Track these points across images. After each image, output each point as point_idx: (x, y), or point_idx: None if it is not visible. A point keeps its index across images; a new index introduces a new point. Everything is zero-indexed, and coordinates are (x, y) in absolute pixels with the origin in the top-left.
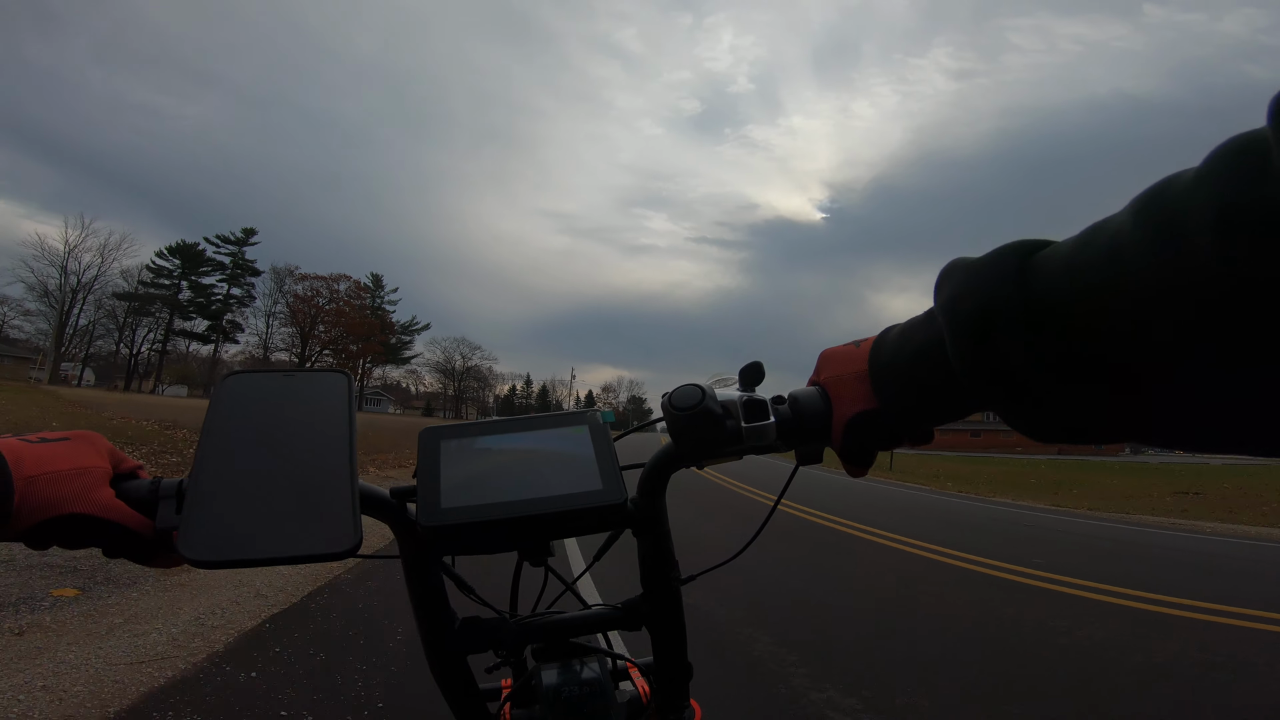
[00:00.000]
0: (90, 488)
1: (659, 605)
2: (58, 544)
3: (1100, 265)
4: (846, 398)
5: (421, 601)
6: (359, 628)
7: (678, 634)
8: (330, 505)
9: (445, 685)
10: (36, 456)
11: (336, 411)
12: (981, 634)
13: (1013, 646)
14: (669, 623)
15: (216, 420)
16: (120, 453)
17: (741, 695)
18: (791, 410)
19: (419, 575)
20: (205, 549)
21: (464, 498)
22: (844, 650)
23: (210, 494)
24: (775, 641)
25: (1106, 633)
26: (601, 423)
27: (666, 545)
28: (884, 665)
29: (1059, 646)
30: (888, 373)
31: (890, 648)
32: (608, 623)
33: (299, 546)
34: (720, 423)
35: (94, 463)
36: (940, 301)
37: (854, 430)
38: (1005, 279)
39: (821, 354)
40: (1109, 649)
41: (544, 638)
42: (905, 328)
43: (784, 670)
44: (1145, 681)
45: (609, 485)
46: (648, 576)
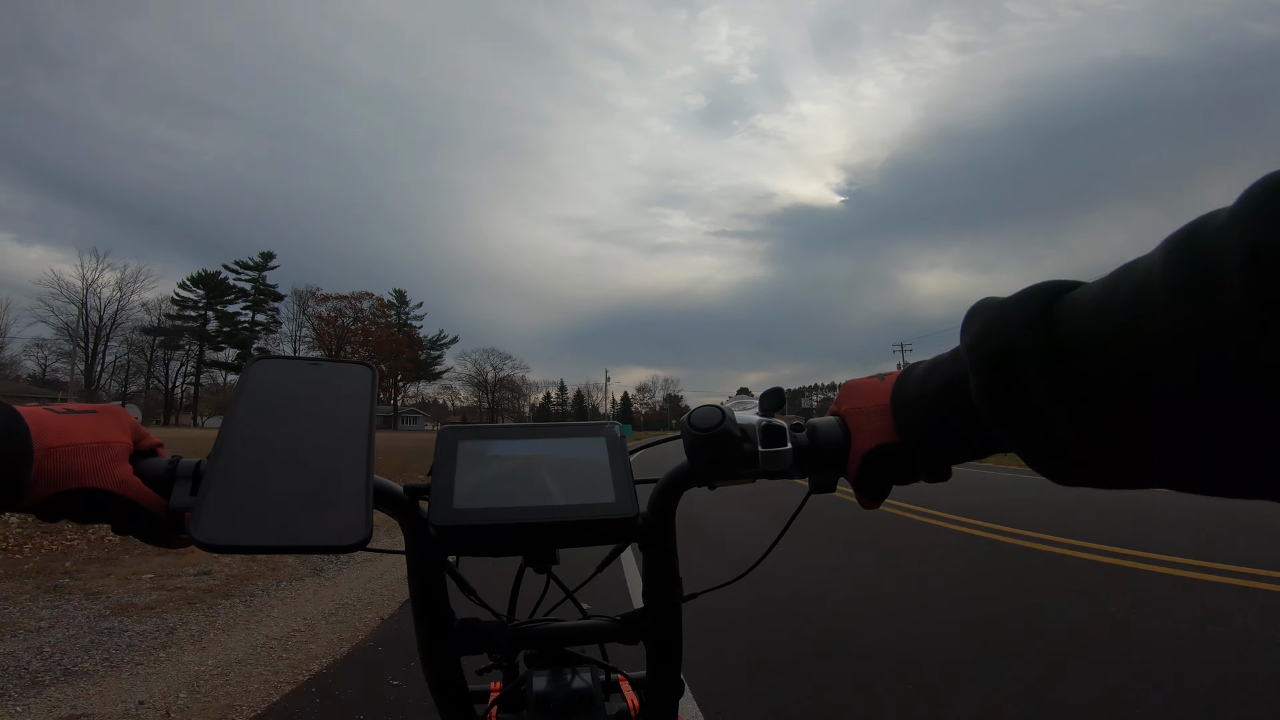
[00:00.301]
0: (109, 463)
1: (659, 621)
2: (69, 517)
3: (1127, 306)
4: (867, 430)
5: (422, 599)
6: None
7: (674, 651)
8: (343, 498)
9: (435, 684)
10: (59, 427)
11: (358, 403)
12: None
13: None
14: (667, 639)
15: (241, 403)
16: (143, 429)
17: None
18: (809, 438)
19: (423, 573)
20: (215, 533)
21: (477, 499)
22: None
23: (226, 478)
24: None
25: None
26: (619, 435)
27: (672, 561)
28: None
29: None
30: (910, 408)
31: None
32: (605, 634)
33: (308, 537)
34: (737, 445)
35: (115, 438)
36: (966, 340)
37: (871, 463)
38: (1030, 319)
39: (845, 385)
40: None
41: (539, 644)
42: (930, 364)
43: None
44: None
45: (621, 498)
46: (650, 591)
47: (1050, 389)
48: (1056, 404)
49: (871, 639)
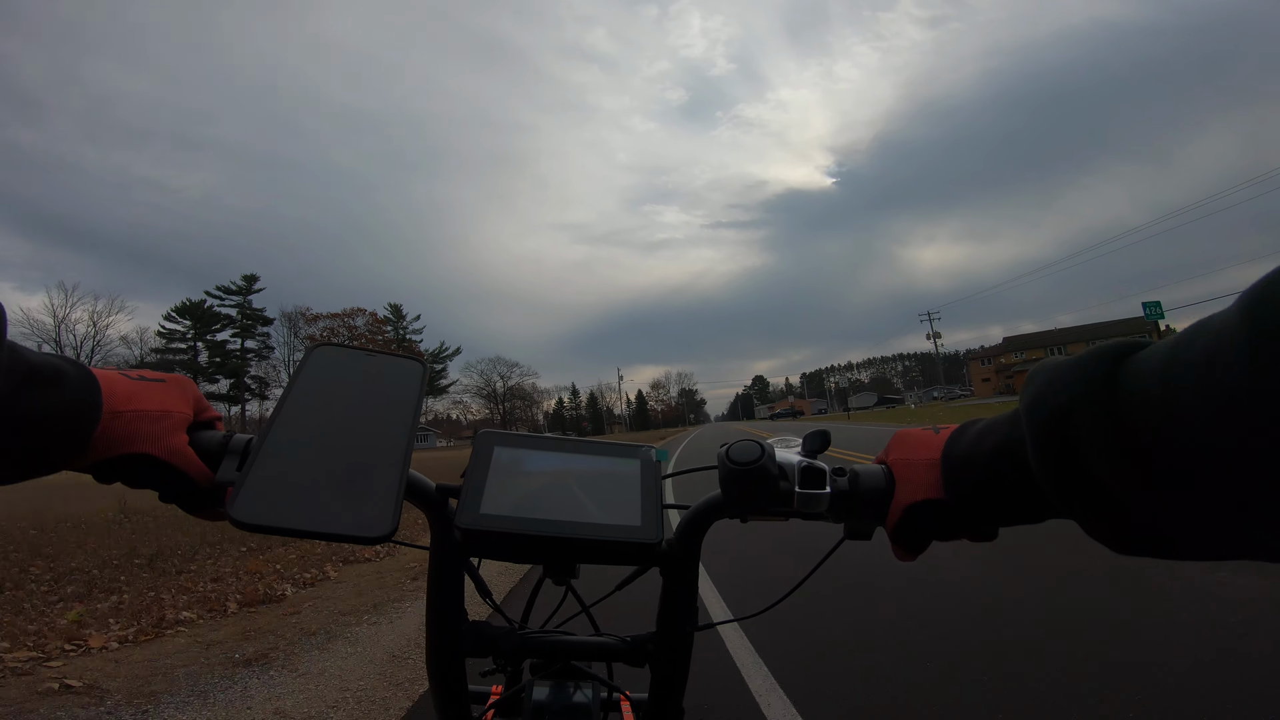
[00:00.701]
0: (167, 431)
1: (668, 647)
2: (122, 480)
3: (1197, 366)
4: (912, 483)
5: (438, 596)
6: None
7: (679, 678)
8: (375, 490)
9: (437, 681)
10: (128, 392)
11: (406, 397)
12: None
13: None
14: (673, 666)
15: (298, 387)
16: (205, 402)
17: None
18: (850, 485)
19: (443, 571)
20: (251, 511)
21: (505, 506)
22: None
23: (270, 458)
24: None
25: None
26: (654, 460)
27: (690, 591)
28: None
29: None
30: (961, 465)
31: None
32: (612, 653)
33: (336, 524)
34: (773, 482)
35: (178, 408)
36: (1024, 400)
37: (913, 517)
38: (1093, 381)
39: (896, 434)
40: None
41: (545, 654)
42: (988, 423)
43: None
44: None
45: (647, 523)
46: (664, 617)
47: (1111, 455)
48: (1117, 471)
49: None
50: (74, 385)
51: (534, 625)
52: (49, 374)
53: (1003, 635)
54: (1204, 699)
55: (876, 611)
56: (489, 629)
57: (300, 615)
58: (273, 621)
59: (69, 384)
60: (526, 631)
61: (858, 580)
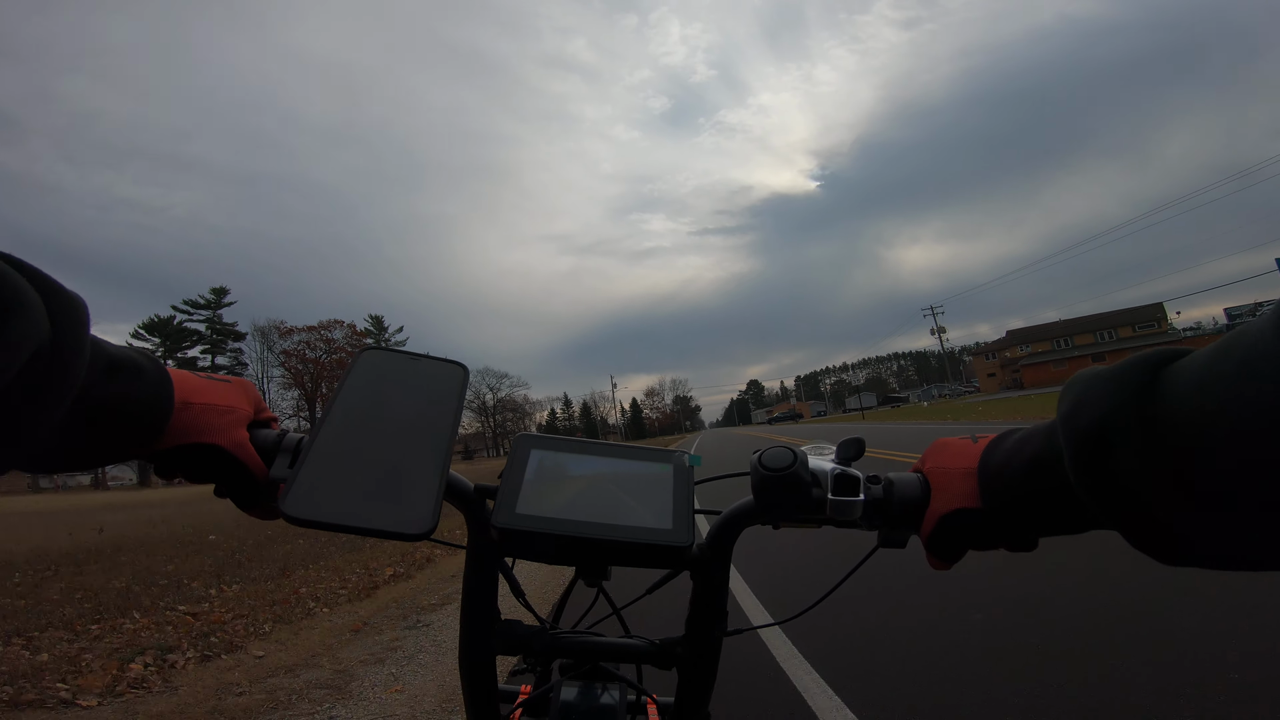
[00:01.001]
0: (232, 425)
1: (696, 651)
2: (184, 473)
3: (1234, 376)
4: (948, 492)
5: (473, 595)
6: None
7: (707, 682)
8: (417, 489)
9: (467, 678)
10: (198, 387)
11: (448, 400)
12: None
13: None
14: (701, 670)
15: (348, 389)
16: (263, 403)
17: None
18: (884, 493)
19: (479, 570)
20: (302, 507)
21: (540, 507)
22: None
23: (320, 456)
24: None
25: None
26: (687, 465)
27: (720, 595)
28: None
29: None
30: (998, 475)
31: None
32: (641, 655)
33: (379, 521)
34: (805, 489)
35: (242, 405)
36: (1061, 411)
37: (949, 527)
38: (1130, 392)
39: (935, 441)
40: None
41: (574, 655)
42: (1026, 433)
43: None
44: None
45: (678, 527)
46: (693, 621)
47: (1150, 467)
48: (1157, 484)
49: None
50: (150, 377)
51: (565, 626)
52: (128, 365)
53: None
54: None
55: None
56: (520, 628)
57: (421, 587)
58: (408, 593)
59: (146, 375)
60: (557, 631)
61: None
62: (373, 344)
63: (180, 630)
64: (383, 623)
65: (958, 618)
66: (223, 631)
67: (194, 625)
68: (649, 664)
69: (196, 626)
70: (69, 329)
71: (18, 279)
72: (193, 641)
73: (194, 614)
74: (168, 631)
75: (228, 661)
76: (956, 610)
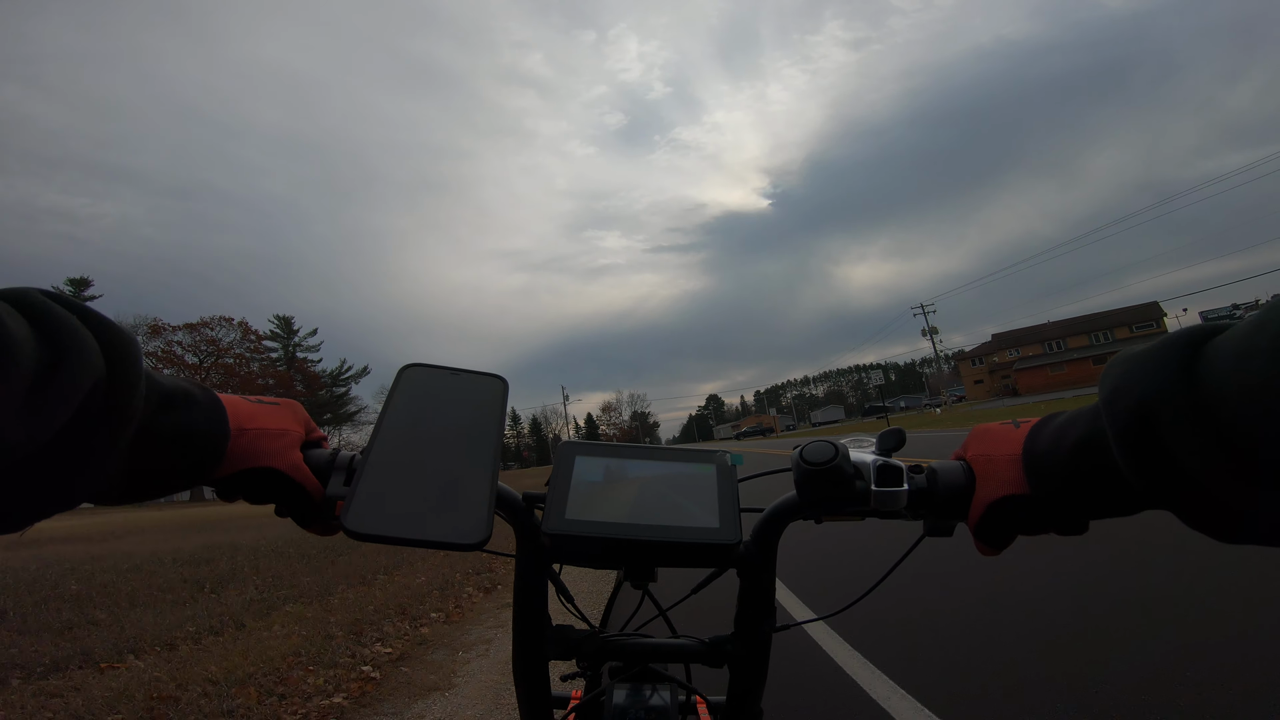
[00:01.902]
0: (287, 448)
1: (746, 648)
2: (244, 496)
3: (1272, 351)
4: (995, 479)
5: (524, 602)
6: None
7: (758, 679)
8: (469, 500)
9: (522, 684)
10: (250, 413)
11: (490, 413)
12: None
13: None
14: (753, 667)
15: (394, 405)
16: (312, 422)
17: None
18: (928, 482)
19: (529, 577)
20: (362, 522)
21: (588, 512)
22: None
23: (375, 472)
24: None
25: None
26: (730, 465)
27: (768, 591)
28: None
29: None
30: (1045, 460)
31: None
32: (691, 655)
33: (436, 533)
34: (848, 482)
35: (293, 427)
36: (1103, 394)
37: (996, 513)
38: (1171, 370)
39: (975, 428)
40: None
41: (624, 657)
42: (1069, 417)
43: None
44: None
45: (725, 525)
46: (742, 618)
47: (1199, 445)
48: (1208, 461)
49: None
50: (204, 406)
51: (613, 629)
52: (181, 397)
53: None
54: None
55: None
56: (572, 633)
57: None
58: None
59: (200, 405)
60: (607, 635)
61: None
62: (413, 362)
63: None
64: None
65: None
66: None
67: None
68: (700, 663)
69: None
70: (123, 365)
71: (71, 319)
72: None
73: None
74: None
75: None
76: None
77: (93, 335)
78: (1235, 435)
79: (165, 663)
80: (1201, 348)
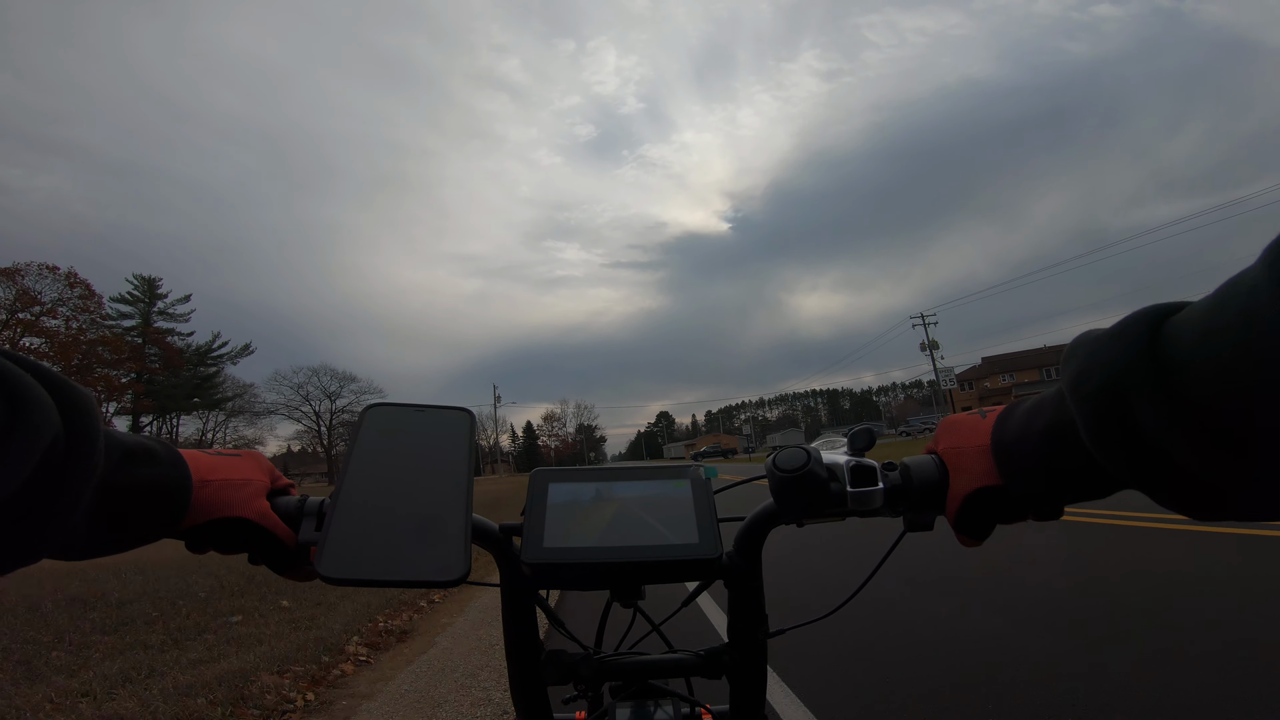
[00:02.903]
0: (252, 497)
1: (743, 657)
2: (214, 547)
3: (1236, 327)
4: (967, 471)
5: (513, 630)
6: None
7: (758, 686)
8: (444, 535)
9: (523, 713)
10: (211, 464)
11: (458, 446)
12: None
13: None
14: (750, 675)
15: (359, 446)
16: (277, 471)
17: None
18: (903, 479)
19: (515, 606)
20: (336, 566)
21: (566, 538)
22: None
23: (345, 516)
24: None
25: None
26: (704, 478)
27: (758, 599)
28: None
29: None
30: (1014, 451)
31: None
32: (688, 668)
33: (414, 572)
34: (823, 485)
35: (257, 476)
36: (1066, 378)
37: (973, 505)
38: (1135, 350)
39: (944, 420)
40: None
41: (623, 676)
42: (1034, 404)
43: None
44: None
45: (705, 539)
46: (735, 627)
47: (1167, 423)
48: (1178, 439)
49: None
50: (165, 459)
51: (607, 648)
52: (143, 452)
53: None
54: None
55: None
56: (567, 656)
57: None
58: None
59: (162, 459)
60: (603, 655)
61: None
62: (377, 402)
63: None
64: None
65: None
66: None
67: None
68: (698, 675)
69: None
70: (80, 422)
71: (26, 378)
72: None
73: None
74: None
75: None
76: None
77: (48, 393)
78: (1205, 412)
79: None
80: (1161, 326)
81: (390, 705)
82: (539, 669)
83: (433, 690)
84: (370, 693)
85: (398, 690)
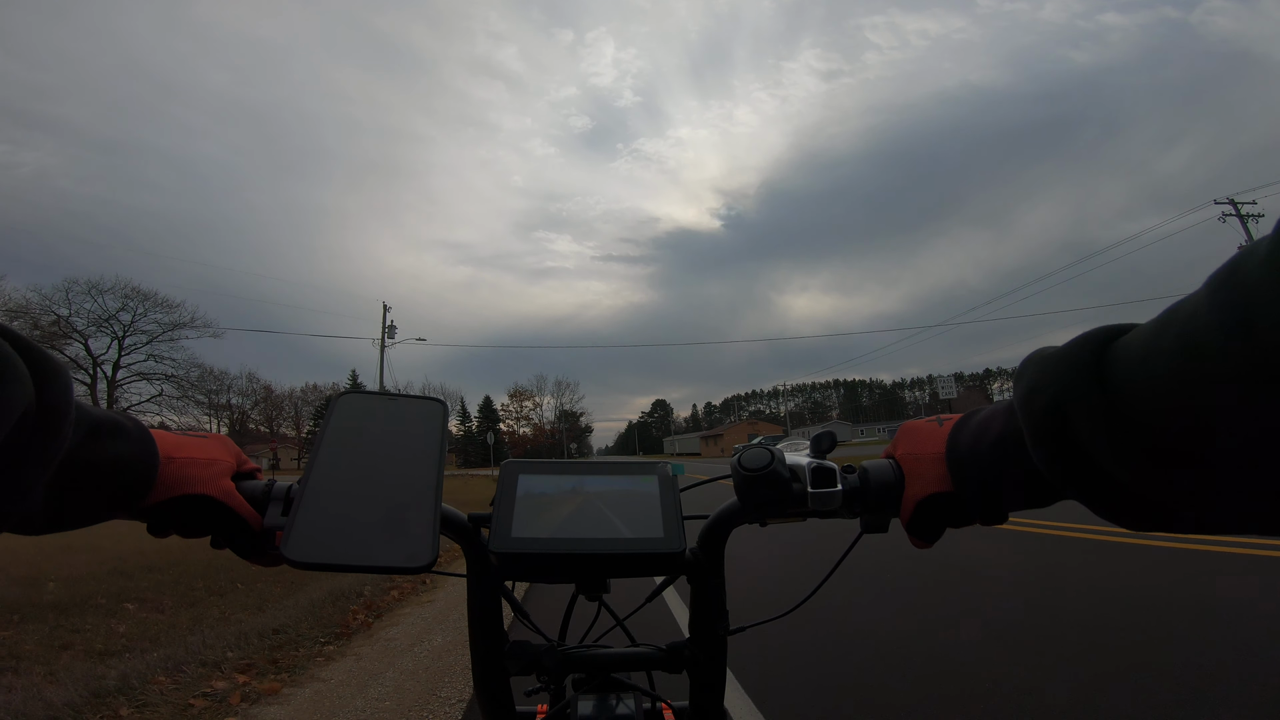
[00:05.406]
0: (218, 475)
1: (703, 652)
2: (177, 530)
3: (1175, 352)
4: (922, 477)
5: (478, 620)
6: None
7: (718, 682)
8: (413, 523)
9: (485, 702)
10: (177, 442)
11: (430, 436)
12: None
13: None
14: (711, 670)
15: (330, 433)
16: (244, 455)
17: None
18: (861, 481)
19: (481, 596)
20: (302, 551)
21: (534, 529)
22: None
23: (313, 501)
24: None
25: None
26: (670, 474)
27: (719, 595)
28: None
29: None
30: (966, 459)
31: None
32: (650, 662)
33: (381, 558)
34: (786, 485)
35: (223, 457)
36: (1017, 394)
37: (926, 510)
38: (1080, 369)
39: (903, 425)
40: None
41: (586, 669)
42: (985, 416)
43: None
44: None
45: (669, 534)
46: (696, 623)
47: (1107, 441)
48: (1117, 456)
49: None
50: (133, 435)
51: (571, 641)
52: (110, 426)
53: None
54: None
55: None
56: (530, 648)
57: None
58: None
59: (128, 434)
60: (567, 648)
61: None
62: (350, 389)
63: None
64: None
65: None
66: None
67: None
68: (659, 669)
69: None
70: (53, 393)
71: (3, 345)
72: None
73: None
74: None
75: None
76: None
77: (24, 362)
78: (1141, 431)
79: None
80: (1108, 347)
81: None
82: (503, 659)
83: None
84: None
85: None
